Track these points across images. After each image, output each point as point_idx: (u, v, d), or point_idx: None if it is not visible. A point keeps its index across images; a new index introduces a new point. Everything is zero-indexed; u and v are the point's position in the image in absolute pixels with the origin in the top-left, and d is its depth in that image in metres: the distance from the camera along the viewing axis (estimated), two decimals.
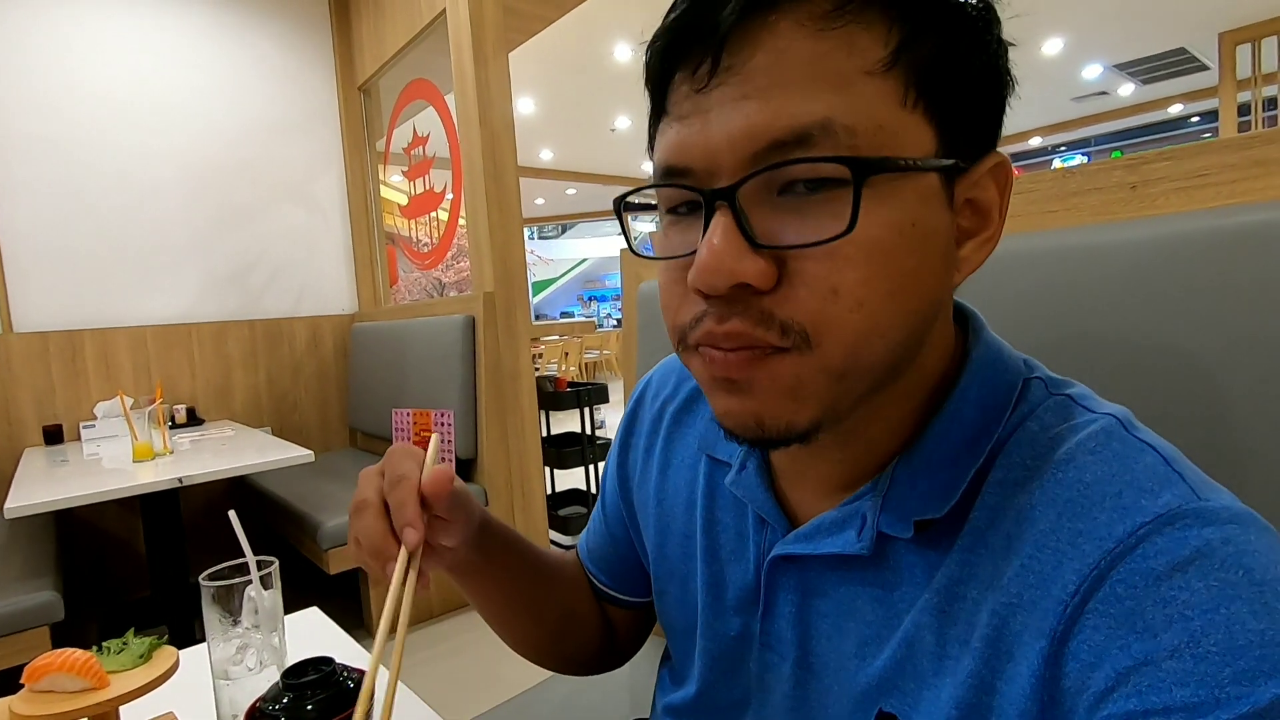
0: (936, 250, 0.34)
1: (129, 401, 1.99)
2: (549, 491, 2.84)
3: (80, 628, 2.30)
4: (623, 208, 0.39)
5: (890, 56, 0.31)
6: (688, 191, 0.34)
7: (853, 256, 0.31)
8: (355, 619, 2.33)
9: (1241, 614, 0.27)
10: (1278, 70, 4.98)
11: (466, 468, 2.44)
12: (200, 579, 0.55)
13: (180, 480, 1.67)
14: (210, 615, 0.55)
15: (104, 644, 0.52)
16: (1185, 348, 0.53)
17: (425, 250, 3.00)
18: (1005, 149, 0.36)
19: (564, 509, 2.95)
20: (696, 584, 0.50)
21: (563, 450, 2.91)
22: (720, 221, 0.32)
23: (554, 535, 2.72)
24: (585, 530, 0.65)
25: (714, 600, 0.48)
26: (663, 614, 0.55)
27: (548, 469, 2.79)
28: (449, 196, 2.77)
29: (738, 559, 0.47)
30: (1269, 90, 5.02)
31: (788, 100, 0.30)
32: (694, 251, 0.33)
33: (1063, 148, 10.25)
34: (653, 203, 0.38)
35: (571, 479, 3.22)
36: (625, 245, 0.45)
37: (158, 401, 1.99)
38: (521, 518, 2.47)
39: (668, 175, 0.34)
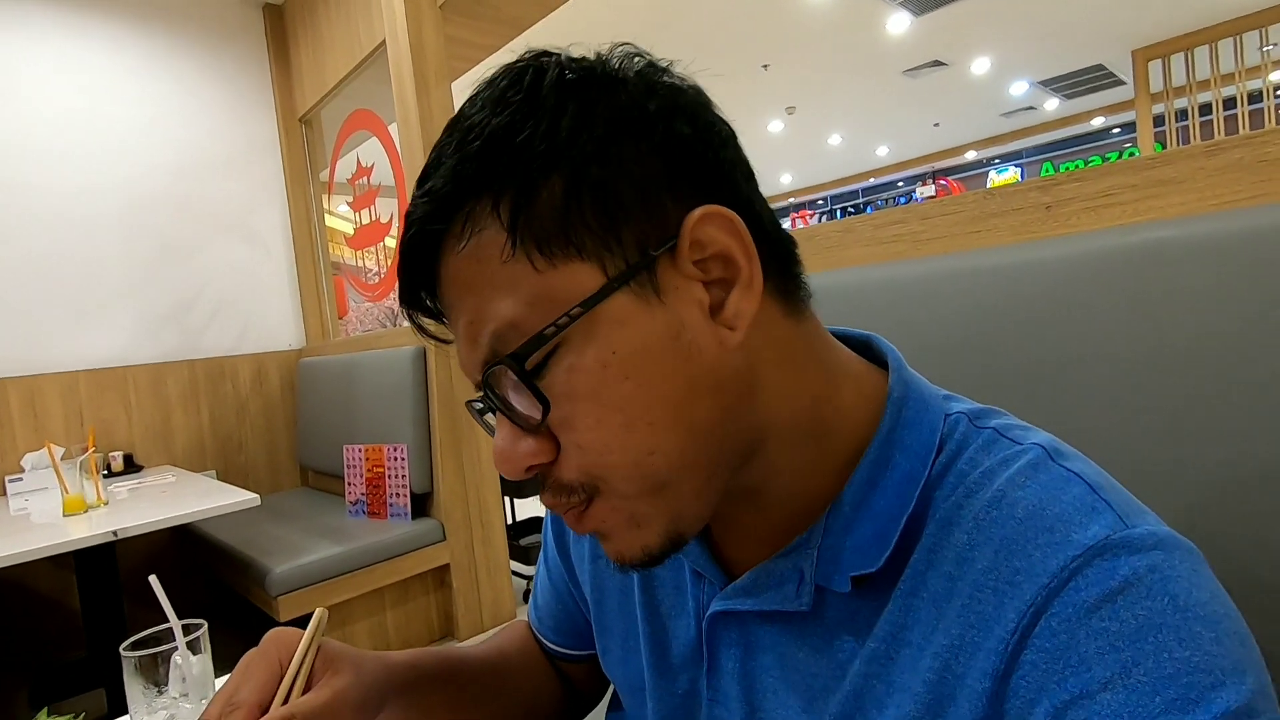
0: (660, 355, 0.33)
1: (59, 451, 1.89)
2: (509, 521, 2.79)
3: (9, 694, 2.16)
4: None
5: (509, 242, 0.32)
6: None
7: (571, 417, 0.34)
8: None
9: (1168, 642, 0.27)
10: (1188, 84, 5.32)
11: (422, 502, 2.39)
12: (121, 649, 0.52)
13: (115, 533, 1.59)
14: (133, 686, 0.52)
15: None
16: (1099, 360, 0.55)
17: (374, 281, 2.94)
18: (942, 163, 0.36)
19: (525, 538, 2.90)
20: (639, 641, 0.49)
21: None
22: (499, 420, 0.36)
23: (516, 566, 2.67)
24: (533, 591, 0.63)
25: (658, 659, 0.47)
26: (608, 670, 0.54)
27: (507, 498, 2.74)
28: (396, 225, 2.73)
29: (678, 614, 0.47)
30: (1180, 102, 5.35)
31: (470, 328, 0.35)
32: None
33: (996, 160, 10.69)
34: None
35: (532, 507, 3.17)
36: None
37: (90, 450, 1.89)
38: (481, 550, 2.42)
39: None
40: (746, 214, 0.35)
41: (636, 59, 0.36)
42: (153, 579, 0.54)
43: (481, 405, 0.38)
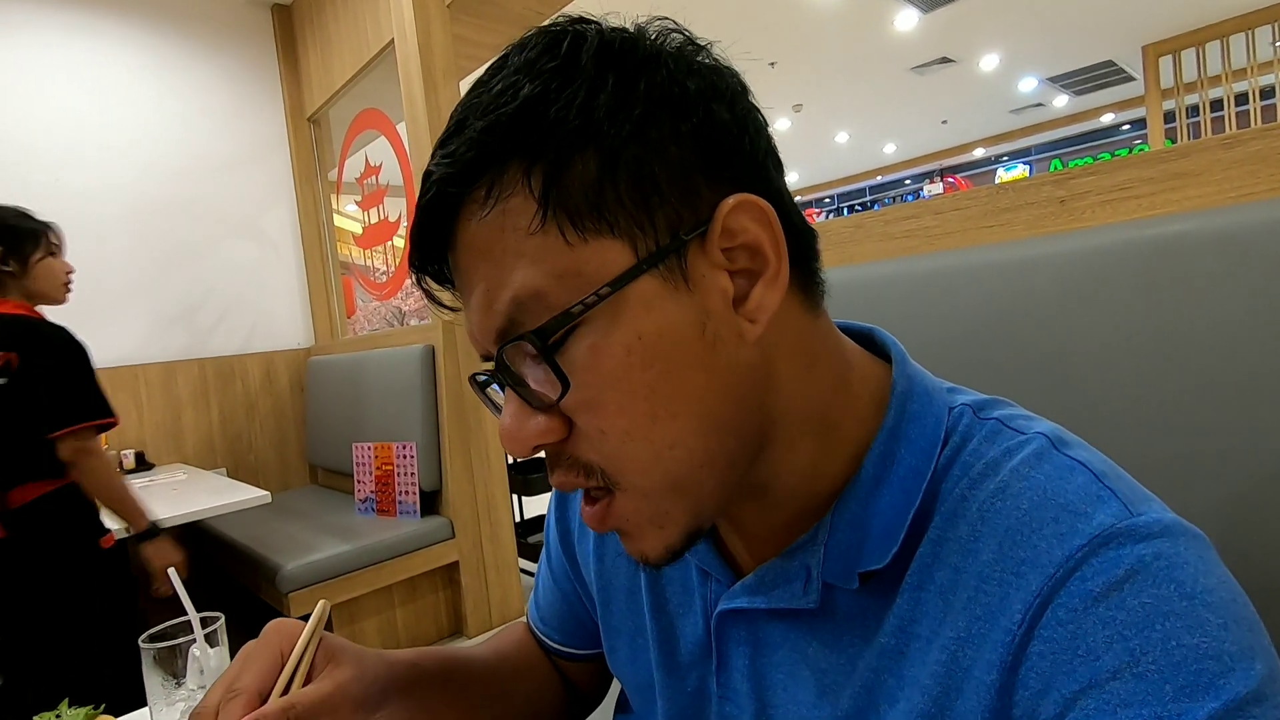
0: (684, 342, 0.33)
1: None
2: (517, 519, 2.80)
3: (22, 691, 2.17)
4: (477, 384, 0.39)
5: (539, 213, 0.31)
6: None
7: (591, 400, 0.33)
8: None
9: (1176, 629, 0.27)
10: (1199, 79, 5.27)
11: (431, 500, 2.40)
12: (140, 641, 0.52)
13: (127, 531, 1.60)
14: (151, 679, 0.52)
15: (35, 717, 0.49)
16: (1114, 354, 0.54)
17: (382, 280, 2.96)
18: (950, 161, 0.35)
19: (532, 536, 2.91)
20: (647, 640, 0.49)
21: (529, 476, 2.88)
22: (507, 396, 0.35)
23: (523, 563, 2.68)
24: (534, 590, 0.62)
25: (667, 657, 0.47)
26: (615, 669, 0.54)
27: (515, 496, 2.75)
28: (405, 224, 2.74)
29: (686, 613, 0.46)
30: (1191, 98, 5.30)
31: (486, 295, 0.33)
32: None
33: (1005, 158, 10.64)
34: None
35: (540, 505, 3.17)
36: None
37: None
38: (490, 547, 2.43)
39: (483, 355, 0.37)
40: (777, 205, 0.34)
41: (674, 34, 0.35)
42: (171, 571, 0.54)
43: (485, 378, 0.37)
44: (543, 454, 0.37)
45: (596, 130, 0.31)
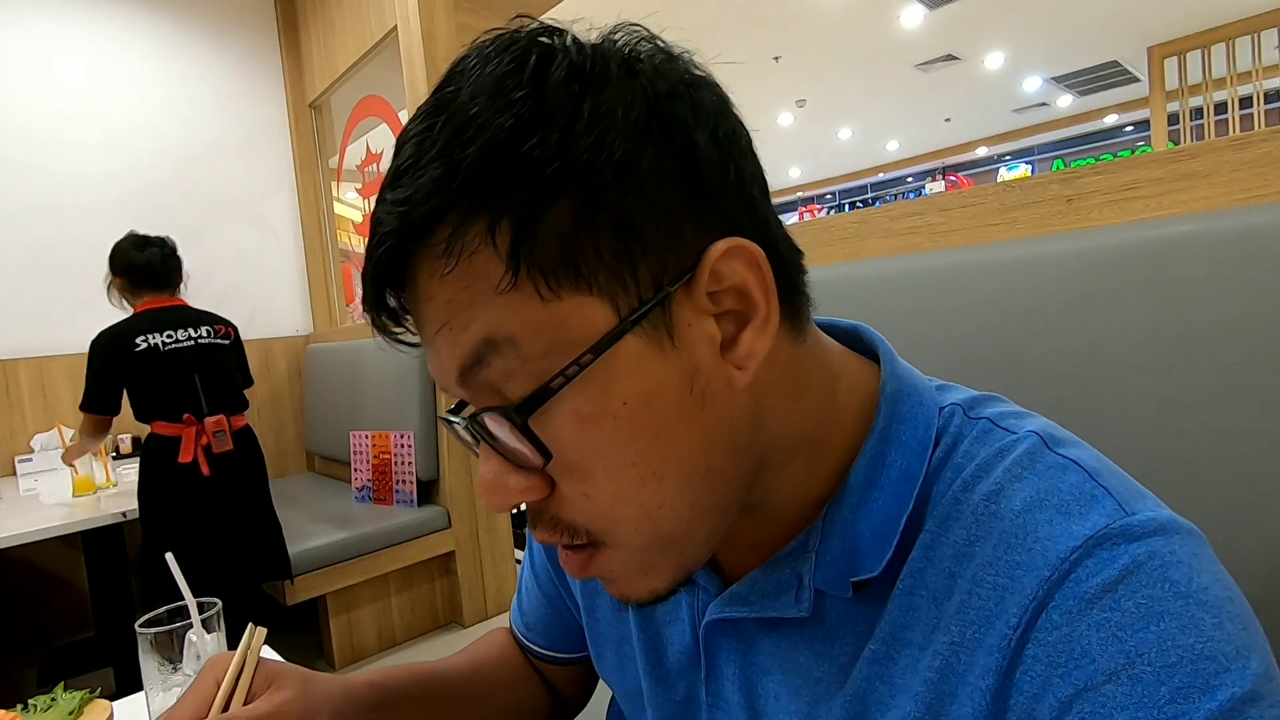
0: (673, 405, 0.31)
1: (68, 433, 1.90)
2: (512, 510, 2.81)
3: (17, 673, 2.18)
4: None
5: (509, 271, 0.28)
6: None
7: (574, 466, 0.31)
8: (315, 651, 2.26)
9: (1171, 630, 0.27)
10: (1203, 82, 5.26)
11: (428, 489, 2.40)
12: (136, 626, 0.52)
13: (124, 515, 1.61)
14: (148, 663, 0.52)
15: (30, 701, 0.49)
16: (1119, 355, 0.54)
17: None
18: (953, 159, 0.33)
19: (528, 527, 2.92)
20: (633, 648, 0.48)
21: None
22: (483, 448, 0.33)
23: (519, 554, 2.69)
24: (517, 594, 0.61)
25: (654, 665, 0.47)
26: (603, 675, 0.54)
27: None
28: None
29: (673, 621, 0.45)
30: (1195, 100, 5.29)
31: (452, 338, 0.30)
32: None
33: (1007, 157, 10.62)
34: None
35: None
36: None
37: None
38: (486, 538, 2.43)
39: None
40: (764, 238, 0.32)
41: (643, 44, 0.32)
42: (169, 556, 0.54)
43: (455, 418, 0.35)
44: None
45: (572, 176, 0.28)
